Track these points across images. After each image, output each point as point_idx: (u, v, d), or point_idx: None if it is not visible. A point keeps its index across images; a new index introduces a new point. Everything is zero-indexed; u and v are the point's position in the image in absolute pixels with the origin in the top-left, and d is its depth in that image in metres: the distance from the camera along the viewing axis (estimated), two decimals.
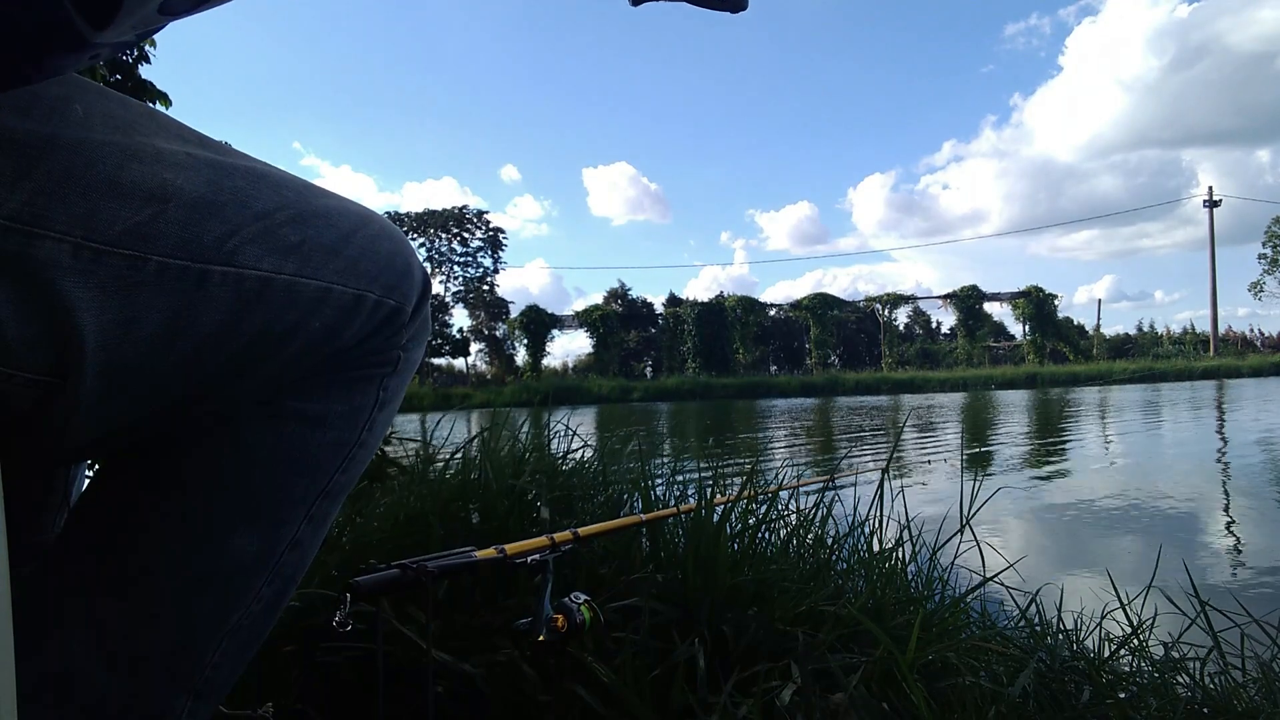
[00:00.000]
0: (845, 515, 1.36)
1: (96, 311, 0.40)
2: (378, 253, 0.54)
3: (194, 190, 0.44)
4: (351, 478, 0.59)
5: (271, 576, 0.54)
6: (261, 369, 0.50)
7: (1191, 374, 25.38)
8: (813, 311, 34.08)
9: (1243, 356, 30.42)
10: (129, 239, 0.41)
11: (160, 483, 0.51)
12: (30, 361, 0.40)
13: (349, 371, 0.56)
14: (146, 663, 0.50)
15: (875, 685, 0.86)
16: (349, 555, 1.14)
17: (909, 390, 24.51)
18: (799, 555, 1.31)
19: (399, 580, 0.71)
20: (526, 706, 0.87)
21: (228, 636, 0.53)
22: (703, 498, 1.15)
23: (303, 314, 0.49)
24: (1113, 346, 35.88)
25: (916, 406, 14.14)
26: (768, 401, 18.56)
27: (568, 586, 1.02)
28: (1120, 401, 13.58)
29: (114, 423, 0.46)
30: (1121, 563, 2.68)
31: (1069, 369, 28.10)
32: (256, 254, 0.46)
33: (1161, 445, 6.83)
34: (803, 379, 28.14)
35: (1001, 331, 36.57)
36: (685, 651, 0.88)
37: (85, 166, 0.40)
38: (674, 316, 34.58)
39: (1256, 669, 0.93)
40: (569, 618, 0.82)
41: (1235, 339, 35.20)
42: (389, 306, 0.55)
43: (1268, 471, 4.78)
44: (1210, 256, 35.04)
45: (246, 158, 0.50)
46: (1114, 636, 1.03)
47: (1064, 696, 0.88)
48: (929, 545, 1.24)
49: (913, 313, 39.57)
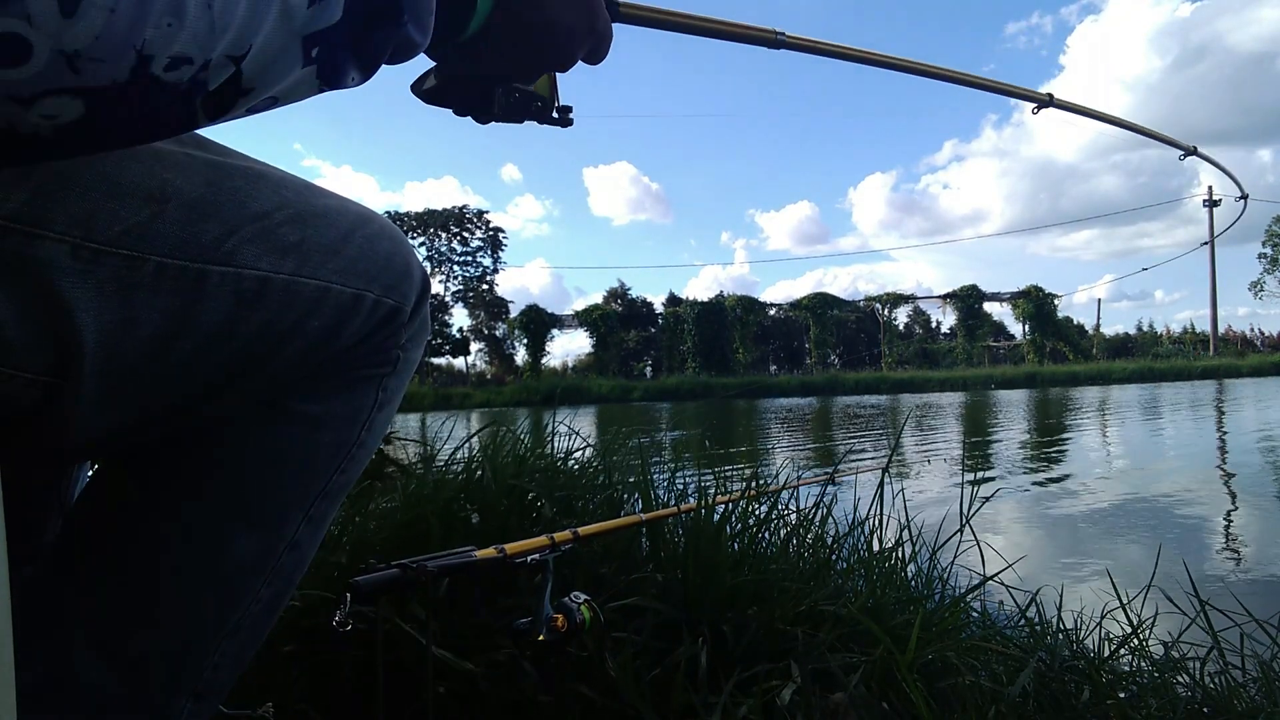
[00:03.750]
0: (845, 515, 1.36)
1: (95, 312, 0.40)
2: (377, 252, 0.54)
3: (193, 190, 0.44)
4: (350, 478, 0.59)
5: (270, 577, 0.54)
6: (260, 369, 0.49)
7: (1191, 373, 25.37)
8: (813, 311, 34.09)
9: (1243, 356, 30.42)
10: (128, 239, 0.41)
11: (159, 483, 0.51)
12: (30, 362, 0.40)
13: (348, 372, 0.55)
14: (146, 663, 0.50)
15: (875, 685, 0.86)
16: (349, 555, 1.14)
17: (909, 390, 24.51)
18: (799, 555, 1.31)
19: (399, 580, 0.71)
20: (526, 706, 0.87)
21: (227, 637, 0.53)
22: (703, 497, 1.15)
23: (302, 314, 0.49)
24: (1112, 346, 35.88)
25: (916, 406, 14.14)
26: (768, 401, 18.56)
27: (568, 586, 1.02)
28: (1120, 401, 13.58)
29: (113, 423, 0.46)
30: (1121, 562, 2.68)
31: (1068, 369, 28.10)
32: (255, 253, 0.46)
33: (1161, 445, 6.83)
34: (802, 379, 28.13)
35: (1001, 331, 36.59)
36: (685, 651, 0.88)
37: (85, 166, 0.40)
38: (674, 316, 34.59)
39: (1256, 669, 0.93)
40: (569, 618, 0.82)
41: (1235, 338, 35.20)
42: (388, 306, 0.55)
43: (1267, 471, 4.78)
44: (1210, 256, 35.07)
45: (245, 158, 0.50)
46: (1114, 636, 1.03)
47: (1064, 696, 0.88)
48: (929, 545, 1.24)
49: (913, 312, 39.58)
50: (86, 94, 0.30)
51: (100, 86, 0.30)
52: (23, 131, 0.31)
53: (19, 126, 0.30)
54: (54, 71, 0.29)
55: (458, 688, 0.90)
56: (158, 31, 0.30)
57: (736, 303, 33.45)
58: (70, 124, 0.31)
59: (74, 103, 0.30)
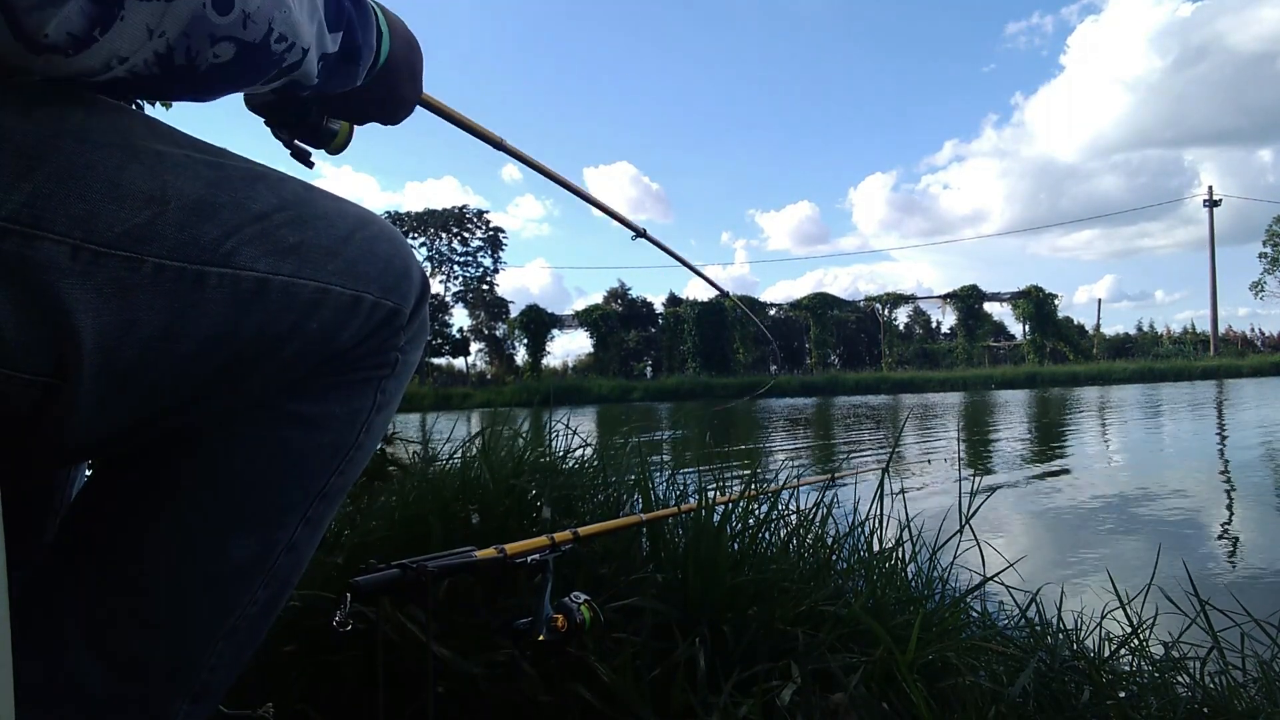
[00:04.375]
0: (845, 515, 1.36)
1: (95, 313, 0.40)
2: (376, 254, 0.54)
3: (192, 192, 0.44)
4: (349, 480, 0.59)
5: (268, 579, 0.54)
6: (259, 370, 0.49)
7: (1191, 374, 25.35)
8: (813, 311, 34.06)
9: (1243, 356, 30.40)
10: (127, 240, 0.41)
11: (156, 485, 0.51)
12: (28, 363, 0.40)
13: (347, 374, 0.55)
14: (143, 665, 0.50)
15: (875, 685, 0.86)
16: (348, 555, 1.14)
17: (909, 390, 24.50)
18: (799, 555, 1.31)
19: (399, 580, 0.71)
20: (526, 706, 0.87)
21: (224, 638, 0.53)
22: (703, 497, 1.15)
23: (300, 315, 0.49)
24: (1113, 346, 35.85)
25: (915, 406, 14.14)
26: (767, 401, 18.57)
27: (568, 586, 1.02)
28: (1120, 401, 13.58)
29: (112, 424, 0.46)
30: (1121, 562, 2.68)
31: (1069, 369, 28.06)
32: (254, 255, 0.46)
33: (1161, 445, 6.83)
34: (803, 379, 28.11)
35: (1001, 331, 36.56)
36: (685, 651, 0.88)
37: (85, 168, 0.40)
38: (674, 316, 34.57)
39: (1256, 669, 0.93)
40: (569, 618, 0.82)
41: (1235, 339, 35.16)
42: (387, 308, 0.55)
43: (1267, 471, 4.78)
44: (1210, 256, 35.07)
45: (244, 160, 0.50)
46: (1114, 636, 1.03)
47: (1064, 696, 0.88)
48: (929, 545, 1.23)
49: (913, 312, 39.50)
50: (239, 44, 0.43)
51: (248, 41, 0.43)
52: (198, 67, 0.42)
53: (198, 62, 0.42)
54: (235, 26, 0.42)
55: (458, 688, 0.90)
56: (280, 13, 0.44)
57: (737, 303, 33.37)
58: (223, 64, 0.43)
59: (231, 48, 0.42)
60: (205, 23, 0.41)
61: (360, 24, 0.55)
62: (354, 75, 0.57)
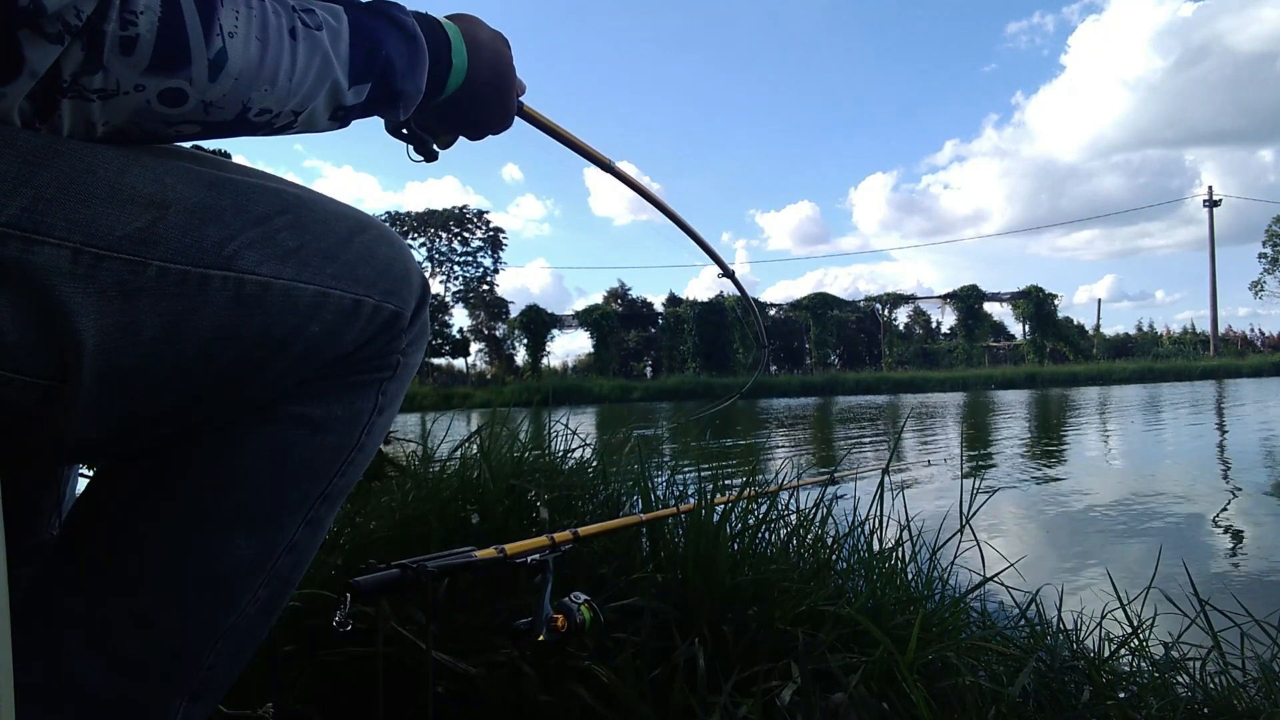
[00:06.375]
0: (845, 515, 1.36)
1: (96, 316, 0.40)
2: (376, 258, 0.54)
3: (193, 196, 0.45)
4: (350, 481, 0.59)
5: (268, 579, 0.54)
6: (260, 373, 0.50)
7: (1191, 374, 25.34)
8: (813, 311, 34.04)
9: (1243, 356, 30.39)
10: (129, 244, 0.41)
11: (158, 486, 0.51)
12: (29, 365, 0.40)
13: (348, 376, 0.56)
14: (142, 665, 0.50)
15: (875, 685, 0.86)
16: (348, 555, 1.14)
17: (909, 390, 24.49)
18: (799, 555, 1.31)
19: (399, 580, 0.71)
20: (526, 707, 0.87)
21: (224, 639, 0.53)
22: (703, 498, 1.15)
23: (301, 318, 0.49)
24: (1113, 346, 35.83)
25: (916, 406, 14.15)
26: (767, 401, 18.58)
27: (568, 586, 1.02)
28: (1119, 401, 13.58)
29: (113, 426, 0.46)
30: (1121, 563, 2.68)
31: (1069, 369, 28.04)
32: (255, 259, 0.46)
33: (1161, 445, 6.83)
34: (803, 379, 28.11)
35: (1001, 331, 36.53)
36: (685, 651, 0.88)
37: (85, 173, 0.40)
38: (674, 316, 34.56)
39: (1256, 669, 0.93)
40: (569, 618, 0.82)
41: (1235, 339, 35.14)
42: (388, 311, 0.55)
43: (1267, 471, 4.78)
44: (1210, 256, 35.07)
45: (243, 168, 0.51)
46: (1114, 636, 1.03)
47: (1064, 696, 0.88)
48: (929, 545, 1.24)
49: (913, 312, 39.45)
50: (205, 125, 0.45)
51: (216, 121, 0.45)
52: (165, 138, 0.46)
53: (158, 137, 0.45)
54: (194, 112, 0.44)
55: (457, 688, 0.90)
56: (258, 94, 0.45)
57: (736, 303, 33.40)
58: (193, 135, 0.46)
59: (196, 128, 0.45)
60: (153, 115, 0.42)
61: (406, 69, 0.54)
62: (394, 114, 0.58)
